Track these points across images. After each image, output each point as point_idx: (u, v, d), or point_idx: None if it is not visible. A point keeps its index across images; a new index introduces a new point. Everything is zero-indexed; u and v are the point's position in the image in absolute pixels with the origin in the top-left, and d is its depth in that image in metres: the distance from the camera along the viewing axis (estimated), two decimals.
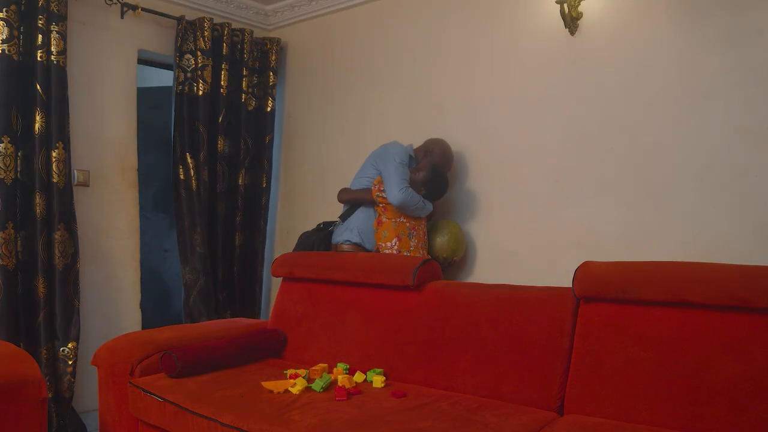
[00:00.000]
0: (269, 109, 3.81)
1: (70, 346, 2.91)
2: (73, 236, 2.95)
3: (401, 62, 3.34)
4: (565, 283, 2.09)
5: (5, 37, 2.72)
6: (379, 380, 2.10)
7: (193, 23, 3.46)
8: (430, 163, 2.90)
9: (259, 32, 3.94)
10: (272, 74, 3.80)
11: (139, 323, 3.37)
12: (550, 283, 2.29)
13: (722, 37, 2.33)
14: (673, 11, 2.45)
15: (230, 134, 3.68)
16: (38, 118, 2.83)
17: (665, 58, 2.47)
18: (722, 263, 1.83)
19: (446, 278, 2.93)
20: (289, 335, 2.60)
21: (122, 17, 3.27)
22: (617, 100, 2.59)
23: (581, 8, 2.65)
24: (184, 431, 1.92)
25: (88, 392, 3.09)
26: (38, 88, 2.83)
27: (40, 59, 2.82)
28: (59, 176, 2.88)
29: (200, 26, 3.45)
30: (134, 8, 3.27)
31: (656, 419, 1.70)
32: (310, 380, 2.09)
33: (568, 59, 2.72)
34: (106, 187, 3.24)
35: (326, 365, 2.25)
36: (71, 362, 2.91)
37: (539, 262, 2.79)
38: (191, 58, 3.45)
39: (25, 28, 2.81)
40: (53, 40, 2.85)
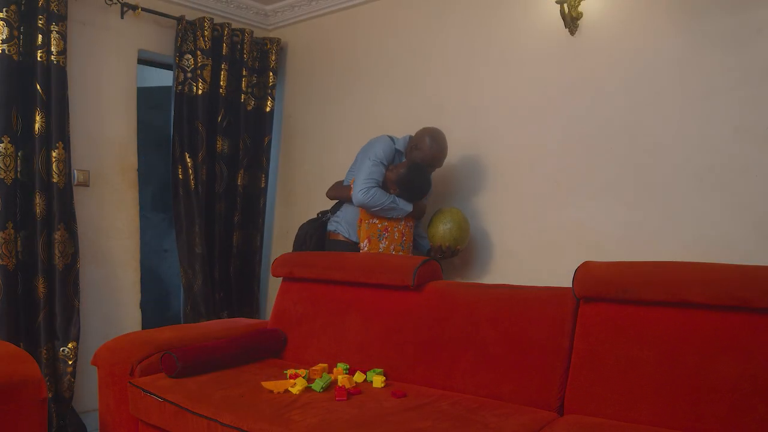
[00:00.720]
0: (268, 109, 3.81)
1: (70, 346, 2.91)
2: (73, 236, 2.95)
3: (401, 62, 3.34)
4: (565, 283, 2.09)
5: (5, 37, 2.72)
6: (379, 380, 2.10)
7: (193, 23, 3.46)
8: (411, 161, 2.79)
9: (259, 32, 3.94)
10: (272, 74, 3.80)
11: (139, 323, 3.37)
12: (550, 283, 2.29)
13: (722, 37, 2.33)
14: (673, 11, 2.46)
15: (229, 134, 3.68)
16: (38, 118, 2.83)
17: (665, 58, 2.47)
18: (722, 263, 1.83)
19: (447, 272, 2.93)
20: (289, 335, 2.60)
21: (122, 17, 3.27)
22: (617, 99, 2.59)
23: (581, 8, 2.65)
24: (184, 431, 1.92)
25: (88, 392, 3.09)
26: (38, 88, 2.83)
27: (40, 59, 2.82)
28: (59, 176, 2.88)
29: (200, 26, 3.45)
30: (134, 8, 3.27)
31: (656, 419, 1.70)
32: (310, 380, 2.09)
33: (568, 59, 2.72)
34: (106, 187, 3.24)
35: (326, 365, 2.25)
36: (71, 362, 2.91)
37: (539, 262, 2.79)
38: (191, 58, 3.45)
39: (25, 28, 2.81)
40: (53, 40, 2.85)
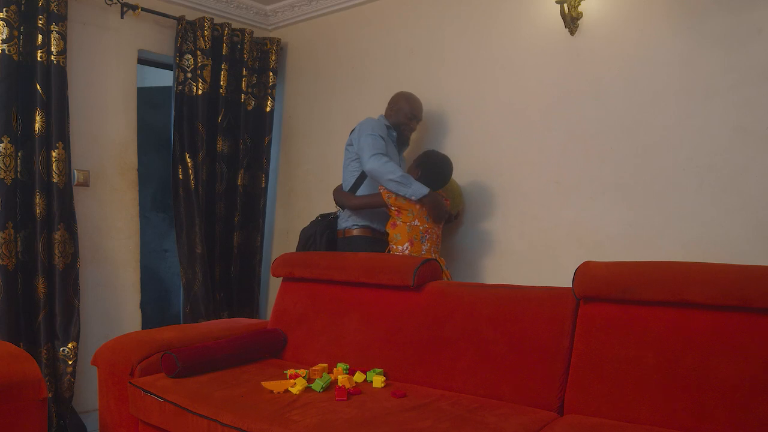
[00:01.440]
0: (269, 109, 3.81)
1: (70, 346, 2.91)
2: (73, 236, 2.95)
3: (401, 62, 3.34)
4: (565, 283, 2.09)
5: (5, 37, 2.72)
6: (379, 380, 2.10)
7: (193, 23, 3.46)
8: (397, 121, 2.90)
9: (259, 32, 3.94)
10: (272, 74, 3.80)
11: (139, 323, 3.37)
12: (550, 283, 2.30)
13: (722, 36, 2.33)
14: (673, 11, 2.46)
15: (229, 134, 3.68)
16: (38, 118, 2.83)
17: (665, 57, 2.47)
18: (722, 263, 1.83)
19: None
20: (289, 335, 2.60)
21: (122, 17, 3.27)
22: (617, 99, 2.59)
23: (581, 8, 2.65)
24: (184, 431, 1.92)
25: (88, 392, 3.09)
26: (38, 88, 2.83)
27: (40, 59, 2.82)
28: (59, 176, 2.88)
29: (200, 26, 3.45)
30: (134, 8, 3.27)
31: (656, 419, 1.70)
32: (310, 380, 2.09)
33: (568, 59, 2.72)
34: (106, 187, 3.24)
35: (326, 365, 2.25)
36: (71, 362, 2.91)
37: (539, 262, 2.79)
38: (191, 58, 3.45)
39: (25, 28, 2.81)
40: (53, 40, 2.85)
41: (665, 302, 1.78)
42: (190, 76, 3.45)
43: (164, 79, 3.92)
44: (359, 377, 2.14)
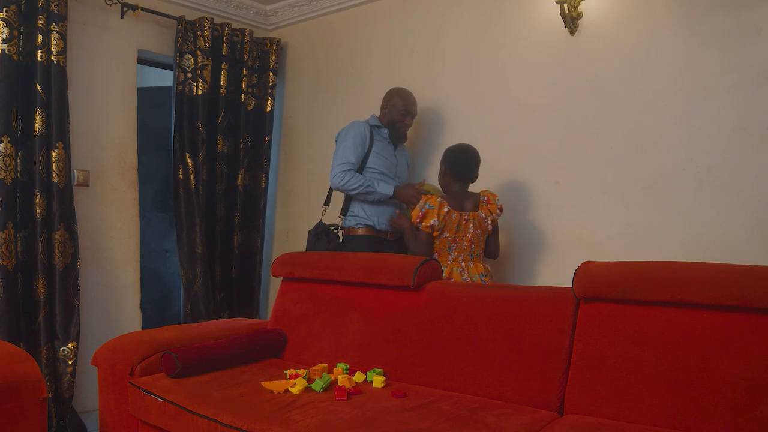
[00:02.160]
0: (269, 109, 3.81)
1: (70, 346, 2.91)
2: (73, 236, 2.95)
3: (401, 62, 3.34)
4: (565, 283, 2.09)
5: (5, 37, 2.72)
6: (379, 380, 2.10)
7: (193, 23, 3.46)
8: (392, 119, 2.91)
9: (259, 32, 3.94)
10: (272, 74, 3.80)
11: (139, 323, 3.37)
12: (550, 283, 2.30)
13: (722, 36, 2.33)
14: (672, 11, 2.46)
15: (230, 134, 3.68)
16: (38, 118, 2.83)
17: (665, 57, 2.47)
18: (722, 263, 1.83)
19: None
20: (289, 335, 2.60)
21: (122, 17, 3.28)
22: (617, 99, 2.59)
23: (581, 8, 2.65)
24: (184, 431, 1.92)
25: (88, 392, 3.09)
26: (38, 88, 2.83)
27: (40, 59, 2.82)
28: (59, 176, 2.88)
29: (200, 26, 3.45)
30: (134, 8, 3.27)
31: (656, 419, 1.70)
32: (310, 380, 2.09)
33: (568, 59, 2.72)
34: (106, 187, 3.24)
35: (326, 365, 2.25)
36: (71, 362, 2.91)
37: (539, 262, 2.80)
38: (191, 58, 3.45)
39: (25, 28, 2.81)
40: (53, 40, 2.85)
41: (665, 302, 1.78)
42: (190, 76, 3.46)
43: (164, 79, 3.92)
44: (359, 377, 2.14)
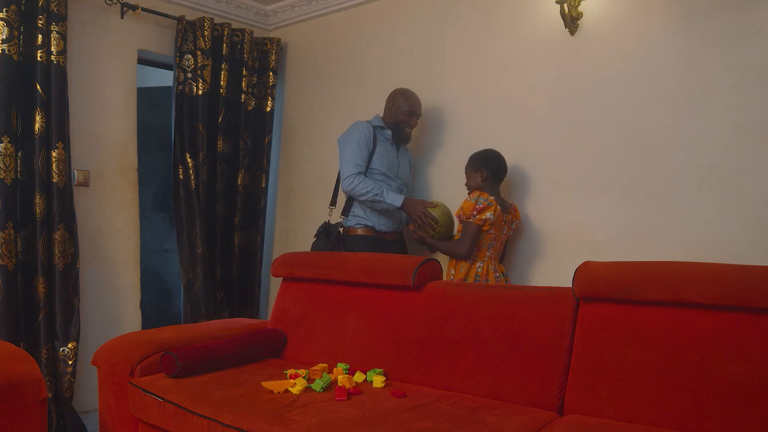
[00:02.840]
0: (269, 109, 3.81)
1: (70, 346, 2.91)
2: (73, 236, 2.95)
3: (401, 62, 3.33)
4: (565, 283, 2.09)
5: (5, 37, 2.72)
6: (379, 380, 2.10)
7: (193, 23, 3.46)
8: (396, 119, 2.92)
9: (259, 32, 3.94)
10: (272, 74, 3.80)
11: (139, 323, 3.37)
12: (550, 283, 2.30)
13: (722, 36, 2.33)
14: (672, 11, 2.45)
15: (230, 134, 3.68)
16: (38, 118, 2.83)
17: (665, 57, 2.47)
18: (722, 263, 1.83)
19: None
20: (289, 335, 2.60)
21: (122, 17, 3.27)
22: (617, 99, 2.59)
23: (581, 8, 2.65)
24: (184, 431, 1.92)
25: (88, 392, 3.09)
26: (38, 88, 2.83)
27: (40, 59, 2.82)
28: (59, 176, 2.88)
29: (200, 26, 3.45)
30: (134, 8, 3.27)
31: (656, 419, 1.70)
32: (310, 380, 2.09)
33: (568, 59, 2.72)
34: (106, 187, 3.24)
35: (326, 365, 2.25)
36: (71, 362, 2.91)
37: (539, 262, 2.79)
38: (191, 58, 3.45)
39: (25, 28, 2.81)
40: (53, 40, 2.85)
41: (665, 302, 1.78)
42: (190, 76, 3.45)
43: (164, 79, 3.92)
44: (359, 377, 2.14)
